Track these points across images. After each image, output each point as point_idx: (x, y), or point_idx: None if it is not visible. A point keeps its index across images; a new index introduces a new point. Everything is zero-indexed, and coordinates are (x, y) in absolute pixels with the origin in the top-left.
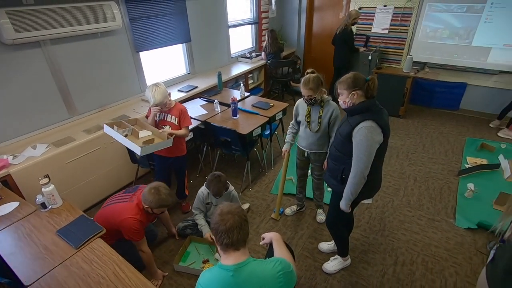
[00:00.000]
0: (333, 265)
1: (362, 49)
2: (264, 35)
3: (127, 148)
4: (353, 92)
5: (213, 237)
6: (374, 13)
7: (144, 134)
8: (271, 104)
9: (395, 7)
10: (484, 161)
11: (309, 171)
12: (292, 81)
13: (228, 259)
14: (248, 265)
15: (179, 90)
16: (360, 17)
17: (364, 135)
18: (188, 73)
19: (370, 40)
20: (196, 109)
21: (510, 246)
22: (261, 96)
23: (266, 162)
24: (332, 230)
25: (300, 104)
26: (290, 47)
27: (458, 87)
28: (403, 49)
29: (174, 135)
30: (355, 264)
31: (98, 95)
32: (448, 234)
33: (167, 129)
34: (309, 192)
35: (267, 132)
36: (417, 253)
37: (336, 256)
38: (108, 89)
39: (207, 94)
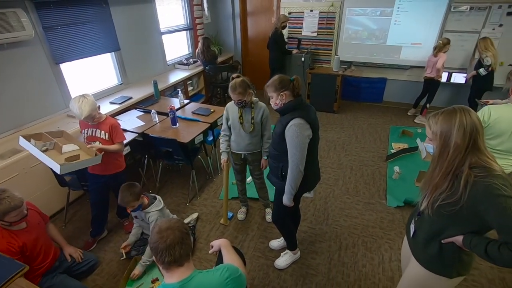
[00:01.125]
0: (284, 260)
1: (295, 51)
2: (199, 40)
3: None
4: (281, 93)
5: None
6: (303, 17)
7: (68, 148)
8: (212, 110)
9: (320, 12)
10: (406, 146)
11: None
12: None
13: (172, 277)
14: (194, 278)
15: (111, 103)
16: (291, 21)
17: (294, 132)
18: (121, 84)
19: (302, 42)
20: (132, 121)
21: (426, 217)
22: (202, 103)
23: (212, 168)
24: (279, 226)
25: (230, 107)
26: (228, 51)
27: (379, 82)
28: (331, 50)
29: (103, 151)
30: (304, 256)
31: (11, 114)
32: (382, 214)
33: (97, 144)
34: (254, 193)
35: (210, 138)
36: (357, 235)
37: (286, 251)
38: (24, 106)
39: (143, 105)
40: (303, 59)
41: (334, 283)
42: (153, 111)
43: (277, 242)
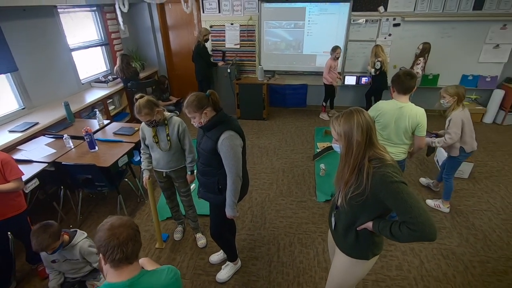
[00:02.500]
0: (225, 272)
1: (220, 63)
2: (118, 57)
3: None
4: (204, 112)
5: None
6: (225, 30)
7: None
8: (136, 128)
9: (240, 25)
10: (329, 144)
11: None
12: (161, 101)
13: (121, 275)
14: (144, 277)
15: (10, 131)
16: (214, 34)
17: (228, 144)
18: (23, 108)
19: (226, 54)
20: (40, 150)
21: (342, 210)
22: (127, 121)
23: (143, 190)
24: (219, 241)
25: (144, 127)
26: (152, 66)
27: (301, 88)
28: (255, 60)
29: None
30: (245, 264)
31: None
32: (313, 210)
33: None
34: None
35: (137, 158)
36: (293, 234)
37: (227, 263)
38: None
39: (54, 130)
40: (229, 70)
41: (275, 284)
42: (65, 136)
43: (217, 256)
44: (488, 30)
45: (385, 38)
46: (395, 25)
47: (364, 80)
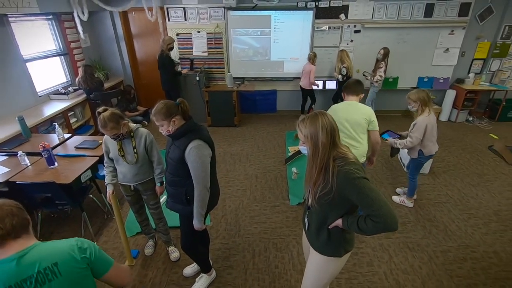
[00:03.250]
0: (199, 285)
1: (185, 71)
2: (80, 67)
3: None
4: (172, 120)
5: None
6: (192, 38)
7: None
8: (100, 141)
9: (207, 33)
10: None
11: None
12: (128, 111)
13: (8, 251)
14: (36, 247)
15: None
16: (181, 42)
17: (196, 154)
18: None
19: (195, 62)
20: None
21: (313, 210)
22: (91, 134)
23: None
24: (190, 252)
25: (108, 140)
26: (117, 76)
27: (271, 93)
28: (224, 68)
29: None
30: (220, 274)
31: None
32: (287, 214)
33: None
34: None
35: (103, 172)
36: (268, 239)
37: (201, 275)
38: None
39: (7, 147)
40: (197, 78)
41: None
42: (20, 153)
43: (191, 269)
44: (438, 35)
45: (347, 44)
46: (356, 31)
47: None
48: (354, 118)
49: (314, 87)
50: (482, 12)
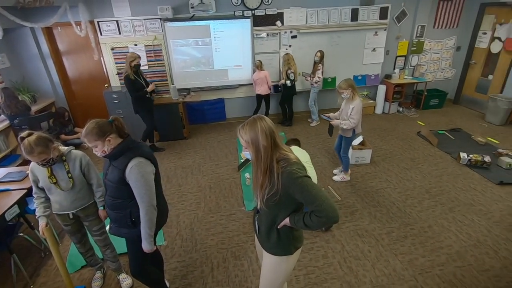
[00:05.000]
0: None
1: (151, 87)
2: None
3: None
4: (107, 139)
5: None
6: (129, 52)
7: None
8: (27, 172)
9: (145, 45)
10: None
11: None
12: (64, 135)
13: None
14: None
15: None
16: (117, 56)
17: (138, 172)
18: None
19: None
20: None
21: (262, 212)
22: (19, 165)
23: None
24: (142, 278)
25: (35, 168)
26: (46, 97)
27: (218, 102)
28: (167, 80)
29: None
30: None
31: None
32: (243, 220)
33: None
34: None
35: (34, 206)
36: (226, 249)
37: None
38: None
39: None
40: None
41: None
42: None
43: None
44: (365, 37)
45: (286, 49)
46: (293, 37)
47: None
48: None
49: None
50: (398, 15)
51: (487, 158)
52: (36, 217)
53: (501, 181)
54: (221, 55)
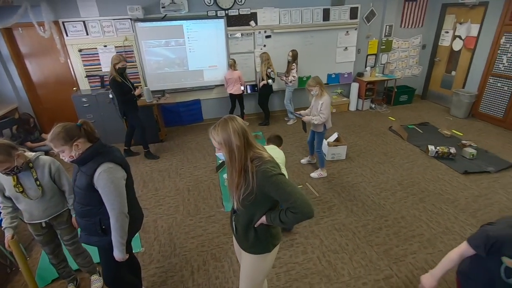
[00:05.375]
0: None
1: (138, 91)
2: None
3: None
4: (75, 144)
5: None
6: (98, 53)
7: None
8: None
9: (115, 46)
10: None
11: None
12: (30, 142)
13: None
14: None
15: None
16: (86, 58)
17: (107, 178)
18: None
19: (105, 79)
20: None
21: (239, 213)
22: None
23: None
24: (116, 287)
25: (0, 176)
26: (7, 103)
27: (195, 103)
28: (139, 82)
29: None
30: None
31: None
32: (223, 221)
33: None
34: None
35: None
36: (206, 251)
37: None
38: None
39: None
40: (111, 95)
41: None
42: None
43: None
44: (337, 36)
45: (261, 49)
46: (267, 37)
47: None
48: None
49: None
50: (368, 15)
51: (453, 150)
52: (2, 228)
53: (465, 170)
54: (196, 55)
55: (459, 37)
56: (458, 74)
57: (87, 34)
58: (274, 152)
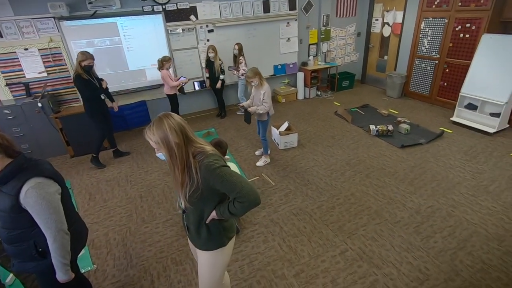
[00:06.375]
0: None
1: (104, 84)
2: None
3: None
4: None
5: None
6: (18, 58)
7: None
8: None
9: (39, 49)
10: None
11: None
12: None
13: None
14: None
15: None
16: (3, 65)
17: (37, 195)
18: None
19: (31, 86)
20: None
21: (188, 211)
22: None
23: None
24: None
25: None
26: None
27: (140, 105)
28: (73, 87)
29: None
30: None
31: None
32: (181, 224)
33: None
34: None
35: None
36: (166, 257)
37: None
38: None
39: None
40: (40, 104)
41: None
42: None
43: None
44: (279, 27)
45: (204, 44)
46: (210, 31)
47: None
48: None
49: (183, 82)
50: (305, 6)
51: (390, 127)
52: None
53: (402, 144)
54: (135, 54)
55: (388, 24)
56: (390, 58)
57: (1, 36)
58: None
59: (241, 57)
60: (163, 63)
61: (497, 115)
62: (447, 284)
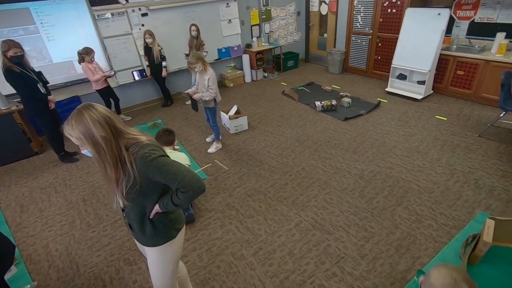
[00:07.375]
0: None
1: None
2: None
3: None
4: None
5: None
6: None
7: None
8: None
9: None
10: None
11: None
12: None
13: None
14: None
15: None
16: None
17: None
18: None
19: None
20: None
21: (128, 209)
22: None
23: None
24: None
25: None
26: None
27: (73, 101)
28: None
29: None
30: None
31: None
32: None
33: None
34: None
35: None
36: (117, 259)
37: None
38: None
39: None
40: None
41: None
42: None
43: None
44: (219, 9)
45: (139, 29)
46: (143, 14)
47: (136, 72)
48: None
49: (107, 75)
50: None
51: (334, 102)
52: None
53: (345, 117)
54: (58, 44)
55: (324, 2)
56: (329, 35)
57: None
58: (173, 156)
59: (202, 40)
60: (82, 56)
61: (423, 82)
62: (389, 238)
